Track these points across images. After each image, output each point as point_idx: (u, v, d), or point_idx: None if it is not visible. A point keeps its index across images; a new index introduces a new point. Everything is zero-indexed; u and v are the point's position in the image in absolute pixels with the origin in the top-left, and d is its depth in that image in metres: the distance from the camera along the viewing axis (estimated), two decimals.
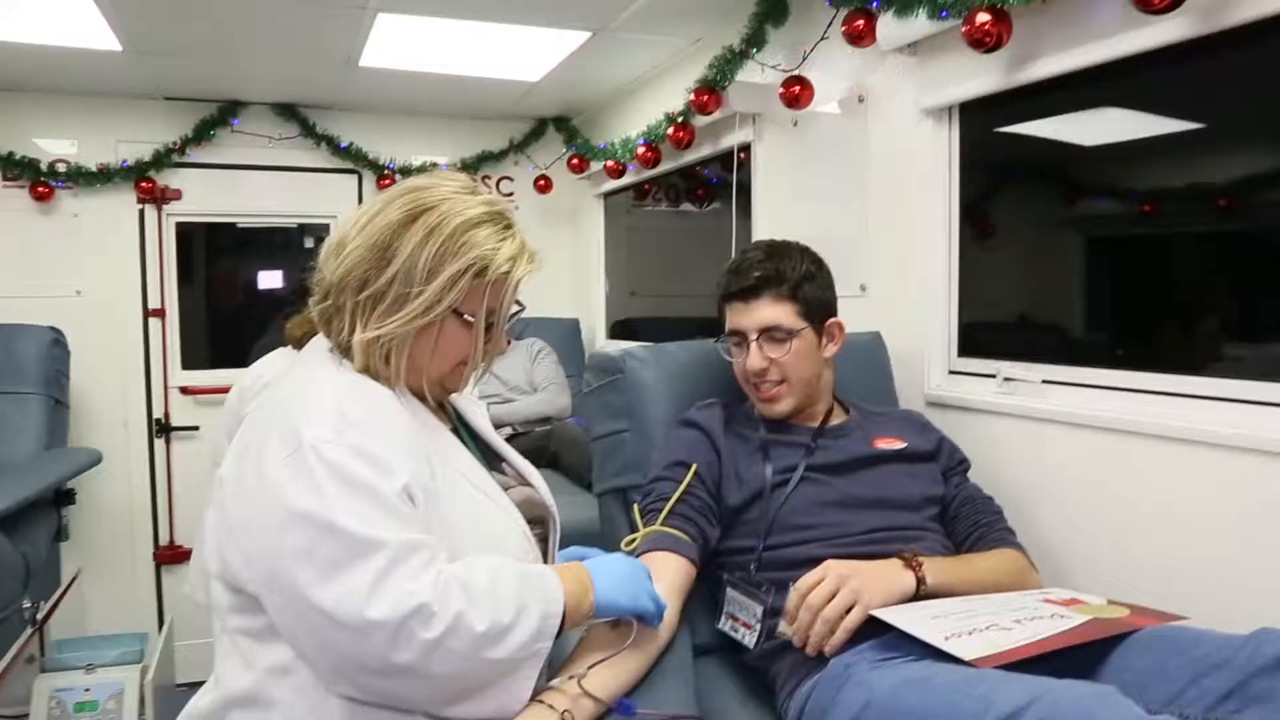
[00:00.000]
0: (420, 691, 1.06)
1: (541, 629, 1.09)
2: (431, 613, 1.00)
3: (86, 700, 2.70)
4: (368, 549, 1.00)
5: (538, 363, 3.71)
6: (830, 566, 1.34)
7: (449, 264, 1.16)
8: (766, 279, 1.63)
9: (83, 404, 3.65)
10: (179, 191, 3.87)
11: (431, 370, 1.23)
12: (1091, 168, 1.99)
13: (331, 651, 1.02)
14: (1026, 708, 0.96)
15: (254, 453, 1.08)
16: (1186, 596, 1.50)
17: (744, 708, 1.47)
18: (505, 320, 1.25)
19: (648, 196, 4.70)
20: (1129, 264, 1.94)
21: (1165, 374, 1.66)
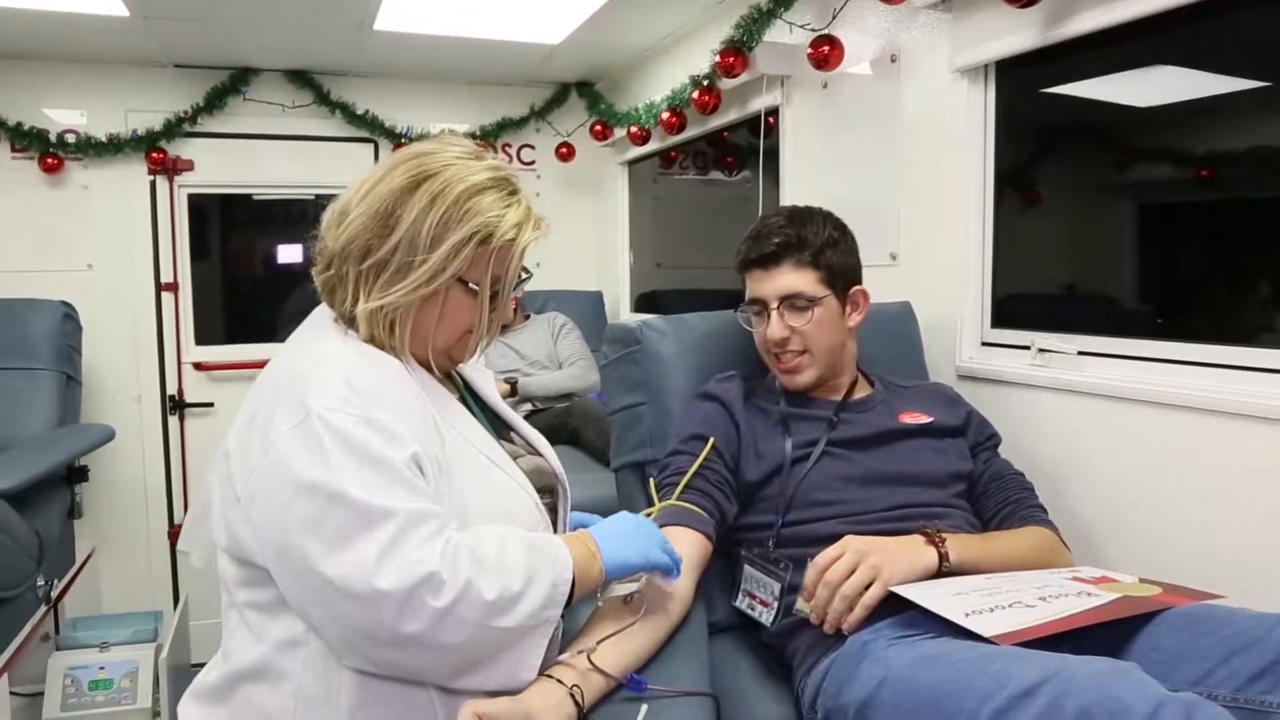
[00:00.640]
0: (430, 661, 1.08)
1: (551, 597, 1.12)
2: (441, 581, 1.03)
3: (101, 678, 2.78)
4: (377, 518, 1.03)
5: (562, 338, 3.74)
6: (849, 542, 1.35)
7: (452, 232, 1.18)
8: (787, 245, 1.64)
9: (95, 380, 3.72)
10: (190, 162, 3.92)
11: (437, 339, 1.25)
12: (1143, 130, 1.96)
13: (342, 622, 1.05)
14: (1042, 684, 0.96)
15: (260, 424, 1.11)
16: (1227, 576, 1.50)
17: (760, 685, 1.49)
18: (511, 288, 1.27)
19: (674, 164, 4.70)
20: (1183, 232, 1.91)
21: (1208, 344, 1.65)
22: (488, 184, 1.21)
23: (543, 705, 1.11)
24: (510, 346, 3.67)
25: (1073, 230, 2.15)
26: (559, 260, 4.48)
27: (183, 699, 1.24)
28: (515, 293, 1.31)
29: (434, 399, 1.23)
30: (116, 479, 3.80)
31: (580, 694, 1.15)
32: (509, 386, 3.47)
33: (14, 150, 3.68)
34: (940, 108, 2.14)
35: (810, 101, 2.68)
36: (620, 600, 1.32)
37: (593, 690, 1.18)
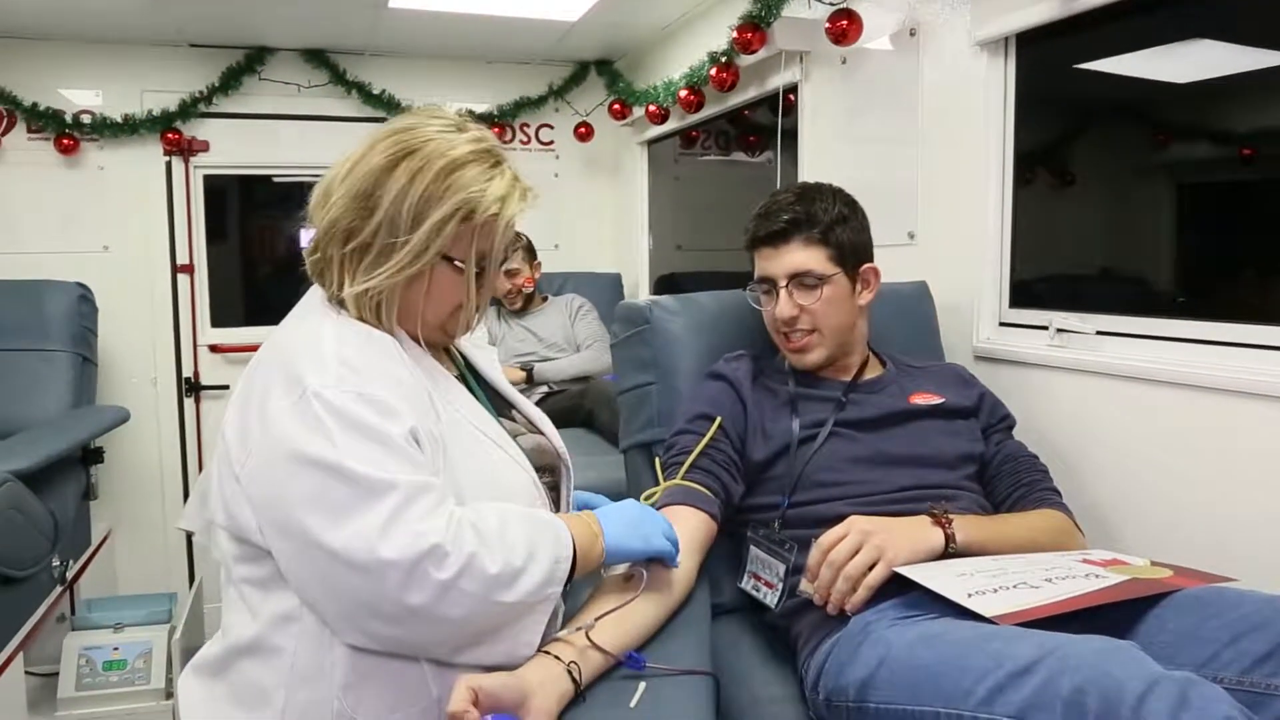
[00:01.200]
0: (431, 636, 1.10)
1: (552, 574, 1.13)
2: (445, 553, 1.04)
3: (115, 659, 2.83)
4: (378, 491, 1.05)
5: (579, 320, 3.75)
6: (854, 522, 1.36)
7: (434, 209, 1.18)
8: (796, 222, 1.63)
9: (112, 362, 3.78)
10: (206, 143, 3.96)
11: (427, 316, 1.26)
12: (1179, 107, 1.94)
13: (344, 596, 1.07)
14: (1038, 662, 0.97)
15: (257, 402, 1.13)
16: (1246, 559, 1.49)
17: (765, 667, 1.50)
18: (498, 263, 1.28)
19: (695, 144, 4.69)
20: (1222, 212, 1.89)
21: (1228, 323, 1.64)
22: (469, 157, 1.21)
23: (539, 681, 1.12)
24: (527, 329, 3.69)
25: (1104, 210, 2.13)
26: (577, 242, 4.49)
27: (183, 673, 1.27)
28: (513, 264, 1.32)
29: (429, 375, 1.25)
30: (133, 461, 3.86)
31: (578, 671, 1.16)
32: (525, 374, 3.49)
33: (30, 131, 3.73)
34: (960, 83, 2.12)
35: (829, 78, 2.67)
36: (620, 578, 1.33)
37: (591, 667, 1.19)
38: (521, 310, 3.73)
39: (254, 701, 1.15)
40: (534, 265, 3.72)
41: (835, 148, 2.66)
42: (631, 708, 1.15)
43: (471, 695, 1.03)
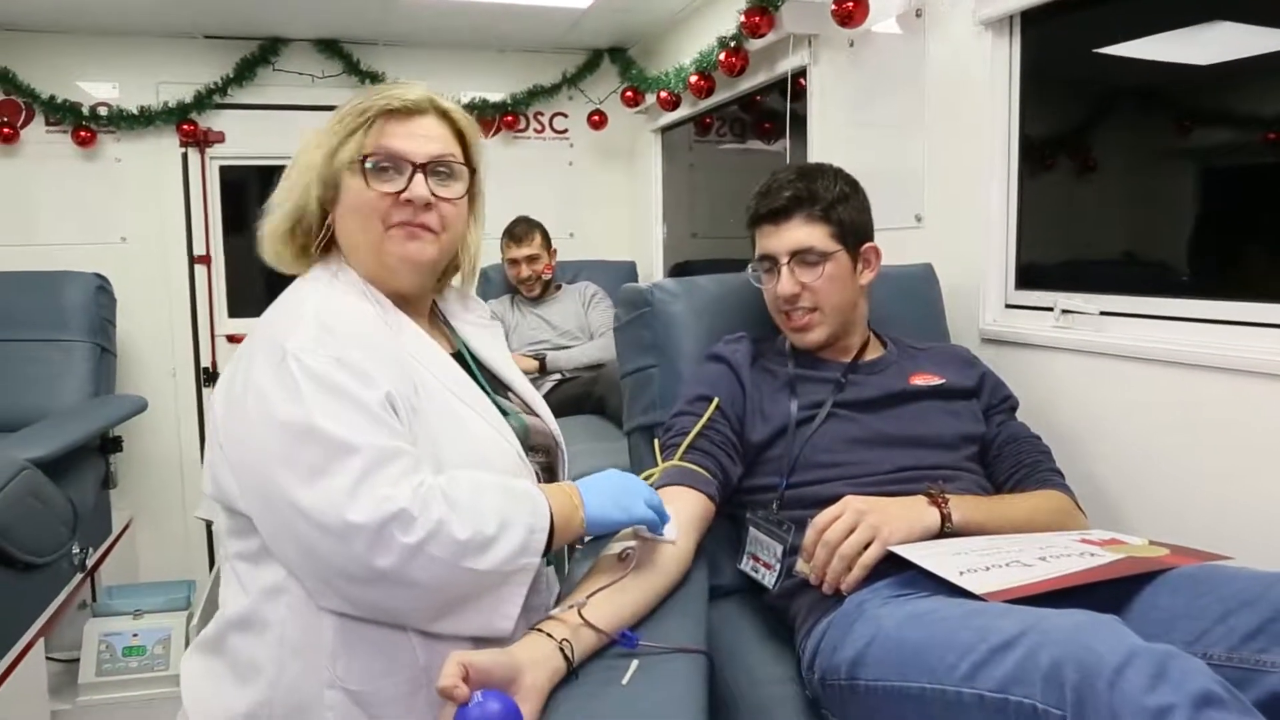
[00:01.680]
0: (405, 601, 1.12)
1: (527, 544, 1.15)
2: (412, 518, 1.06)
3: (134, 645, 2.87)
4: (348, 452, 1.07)
5: (593, 308, 3.76)
6: (849, 502, 1.36)
7: (329, 123, 1.28)
8: (798, 199, 1.63)
9: (131, 353, 3.83)
10: (221, 134, 4.01)
11: (366, 239, 1.28)
12: (1198, 91, 1.92)
13: (316, 558, 1.10)
14: (1020, 637, 0.97)
15: (243, 368, 1.17)
16: (1249, 540, 1.48)
17: (763, 647, 1.50)
18: (407, 168, 1.27)
19: (710, 131, 4.68)
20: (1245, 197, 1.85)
21: (1232, 301, 1.62)
22: (374, 88, 1.30)
23: (531, 659, 1.12)
24: (542, 317, 3.71)
25: (1111, 192, 2.11)
26: (591, 230, 4.50)
27: (186, 652, 1.29)
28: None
29: (412, 344, 1.28)
30: (152, 451, 3.91)
31: (570, 648, 1.16)
32: (538, 363, 3.51)
33: (48, 124, 3.79)
34: (965, 63, 2.11)
35: (837, 61, 2.66)
36: (615, 557, 1.34)
37: (583, 645, 1.19)
38: (536, 299, 3.75)
39: (248, 674, 1.18)
40: (552, 252, 3.74)
41: (843, 130, 2.65)
42: (623, 685, 1.16)
43: (462, 671, 1.03)
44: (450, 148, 1.31)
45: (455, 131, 1.33)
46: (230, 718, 1.18)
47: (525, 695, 1.08)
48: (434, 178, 1.28)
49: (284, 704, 1.17)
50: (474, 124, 1.37)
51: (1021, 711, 0.94)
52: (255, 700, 1.17)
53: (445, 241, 1.32)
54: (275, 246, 1.32)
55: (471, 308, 1.52)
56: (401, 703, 1.18)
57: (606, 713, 1.10)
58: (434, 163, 1.28)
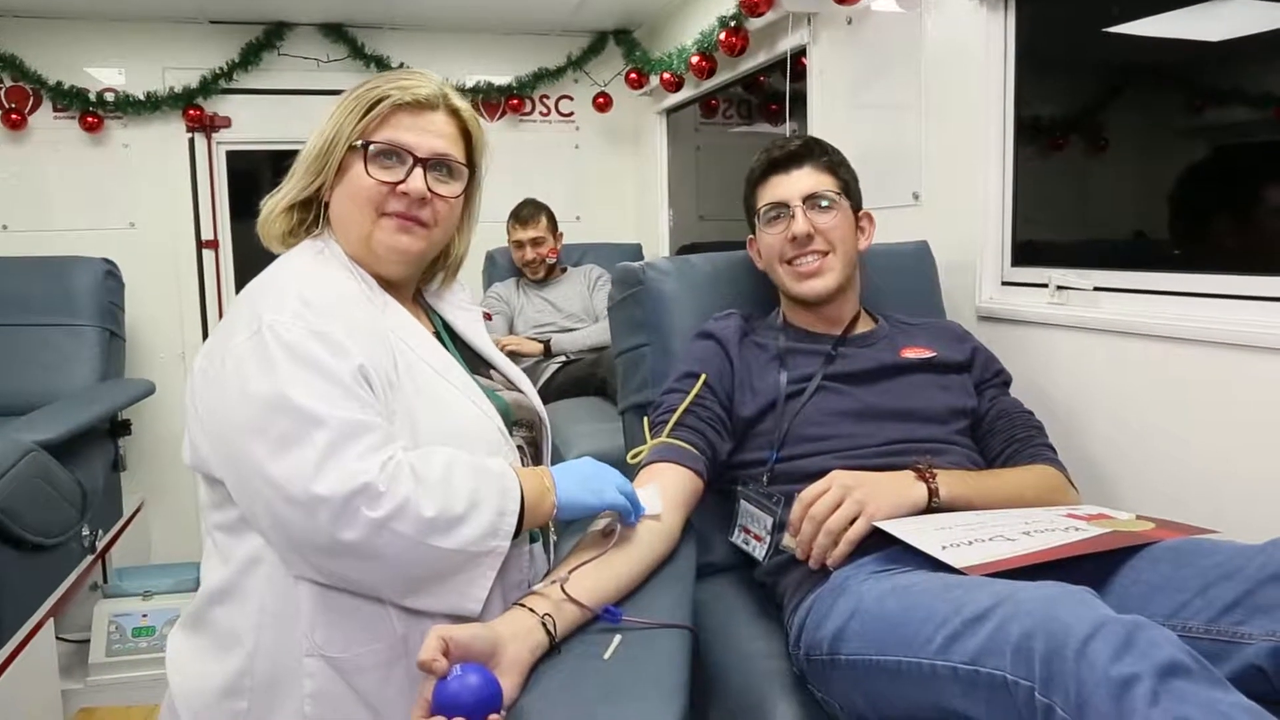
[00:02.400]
0: (371, 575, 1.13)
1: (496, 525, 1.15)
2: (378, 492, 1.07)
3: (144, 625, 2.90)
4: (318, 423, 1.08)
5: (598, 290, 3.76)
6: (836, 476, 1.35)
7: (333, 112, 1.29)
8: (809, 147, 1.68)
9: (140, 337, 3.86)
10: (228, 119, 4.01)
11: (357, 222, 1.29)
12: (1208, 69, 1.90)
13: (285, 528, 1.10)
14: (994, 608, 0.96)
15: (222, 338, 1.18)
16: (1242, 514, 1.47)
17: (752, 624, 1.50)
18: (409, 158, 1.28)
19: (716, 113, 4.66)
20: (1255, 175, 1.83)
21: (1226, 274, 1.60)
22: (387, 73, 1.35)
23: (513, 633, 1.12)
24: (546, 300, 3.71)
25: (1135, 173, 2.09)
26: (598, 213, 4.49)
27: (171, 630, 1.31)
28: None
29: (393, 319, 1.28)
30: (163, 434, 3.93)
31: (552, 623, 1.16)
32: (543, 345, 3.51)
33: (56, 110, 3.81)
34: (962, 40, 2.08)
35: (836, 40, 2.63)
36: (600, 534, 1.34)
37: (566, 621, 1.19)
38: (541, 281, 3.75)
39: (229, 645, 1.19)
40: (557, 236, 3.73)
41: (843, 109, 2.62)
42: (605, 660, 1.15)
43: (442, 645, 1.03)
44: (454, 147, 1.33)
45: (462, 130, 1.35)
46: (211, 689, 1.19)
47: (506, 670, 1.08)
48: (434, 173, 1.30)
49: (263, 673, 1.18)
50: (481, 126, 1.38)
51: (993, 683, 0.94)
52: (235, 670, 1.18)
53: (436, 236, 1.34)
54: (270, 222, 1.32)
55: (455, 291, 1.52)
56: (380, 671, 1.19)
57: (588, 688, 1.09)
58: (436, 159, 1.30)
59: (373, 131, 1.27)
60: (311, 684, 1.17)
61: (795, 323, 1.71)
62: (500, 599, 1.24)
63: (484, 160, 1.40)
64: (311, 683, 1.17)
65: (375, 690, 1.20)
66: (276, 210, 1.32)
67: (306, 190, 1.31)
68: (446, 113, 1.33)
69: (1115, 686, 0.81)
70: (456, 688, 1.01)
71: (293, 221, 1.33)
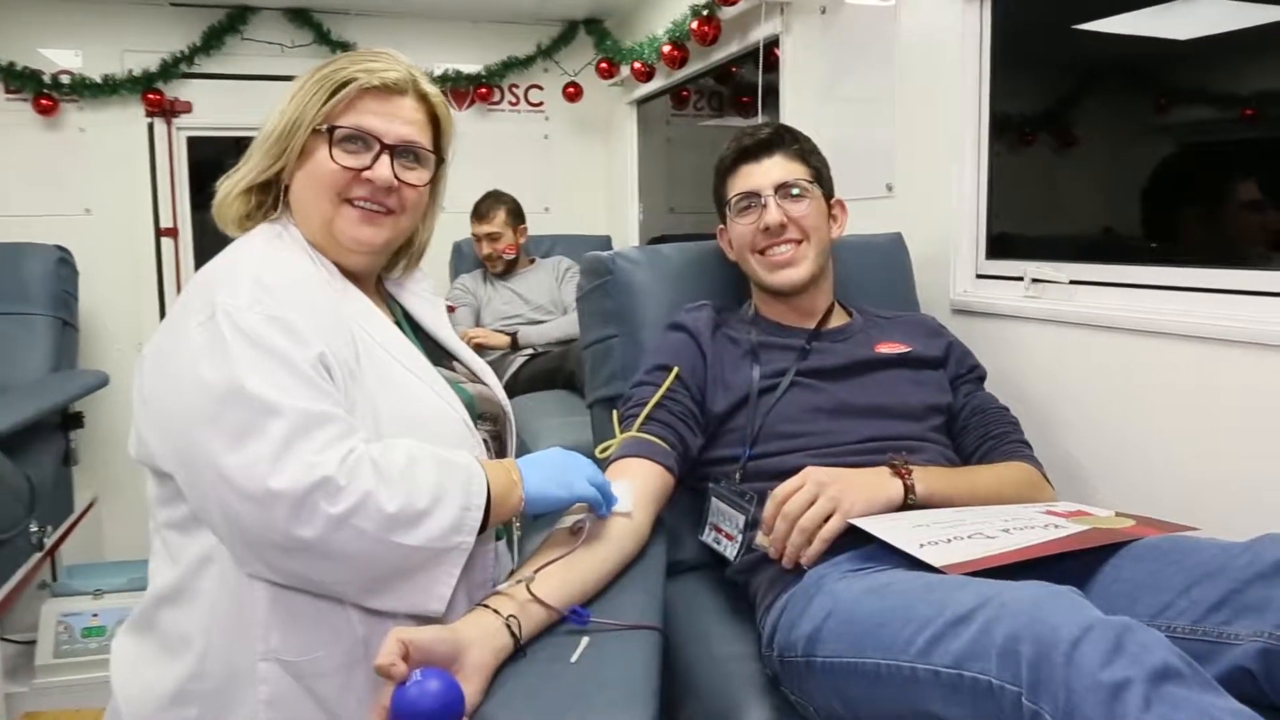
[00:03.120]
0: (329, 574, 1.08)
1: (460, 521, 1.10)
2: (338, 486, 1.02)
3: (94, 625, 2.82)
4: (273, 413, 1.02)
5: (567, 282, 3.72)
6: (809, 473, 1.32)
7: (296, 92, 1.24)
8: (779, 135, 1.65)
9: (95, 327, 3.76)
10: (189, 104, 3.93)
11: (319, 208, 1.24)
12: (1179, 67, 1.90)
13: (239, 525, 1.05)
14: (976, 610, 0.93)
15: (172, 325, 1.13)
16: (1219, 511, 1.44)
17: (724, 624, 1.46)
18: (369, 142, 1.23)
19: (687, 105, 4.63)
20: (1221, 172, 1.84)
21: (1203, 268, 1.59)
22: (352, 53, 1.27)
23: (476, 635, 1.08)
24: (514, 291, 3.66)
25: (1105, 168, 2.08)
26: (567, 205, 4.44)
27: (116, 634, 1.25)
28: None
29: (353, 306, 1.24)
30: (117, 428, 3.82)
31: (517, 625, 1.12)
32: (509, 338, 3.46)
33: (8, 92, 3.70)
34: (936, 30, 2.06)
35: (809, 29, 2.60)
36: (568, 532, 1.30)
37: (531, 622, 1.15)
38: (507, 273, 3.70)
39: (178, 649, 1.13)
40: (518, 230, 3.68)
41: (815, 99, 2.59)
42: (573, 663, 1.12)
43: (401, 648, 0.99)
44: (422, 133, 1.28)
45: (430, 116, 1.30)
46: (159, 695, 1.14)
47: (469, 674, 1.04)
48: (400, 160, 1.25)
49: (215, 677, 1.12)
50: (450, 112, 1.34)
51: (977, 687, 0.90)
52: (185, 674, 1.13)
53: (403, 224, 1.30)
54: (227, 205, 1.26)
55: (416, 279, 1.47)
56: (338, 676, 1.14)
57: (555, 693, 1.05)
58: (403, 146, 1.25)
59: (338, 115, 1.22)
60: (267, 690, 1.12)
61: (767, 315, 1.68)
62: (465, 598, 1.20)
63: (451, 147, 1.36)
64: (267, 688, 1.12)
65: (334, 696, 1.15)
66: (234, 192, 1.26)
67: (266, 173, 1.25)
68: (415, 98, 1.28)
69: (1106, 692, 0.78)
70: (416, 694, 0.97)
71: (250, 204, 1.27)
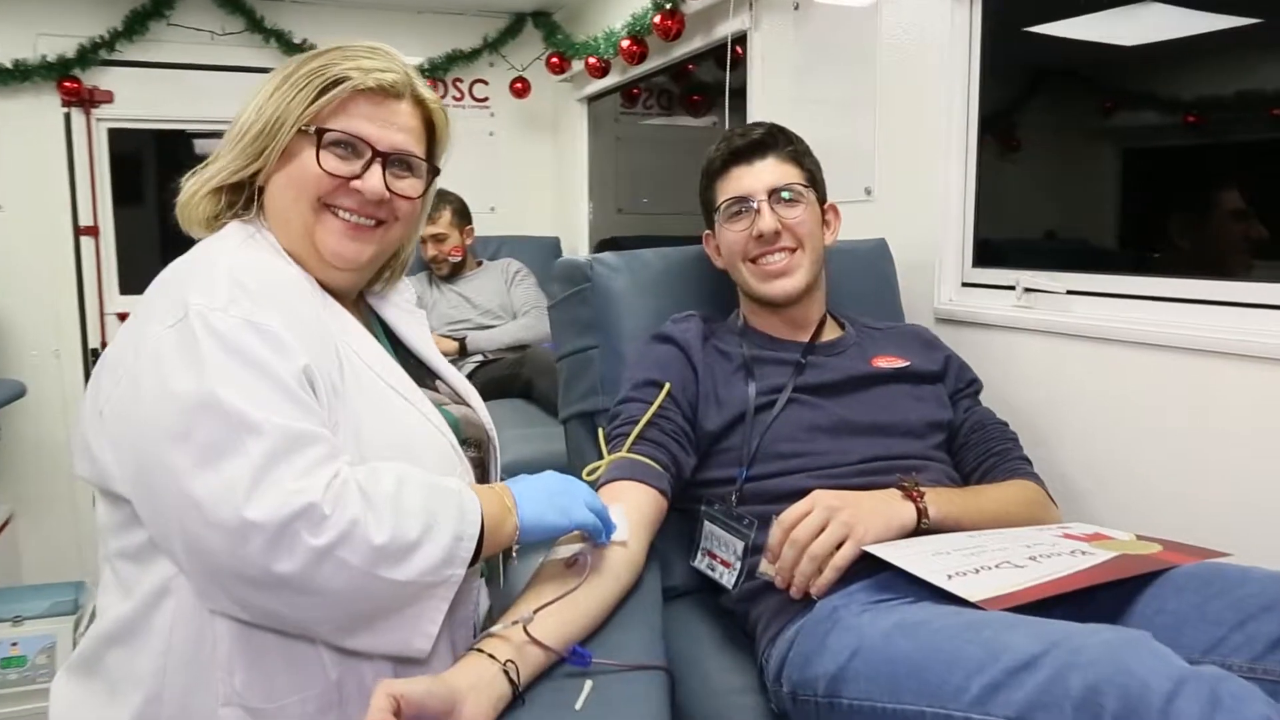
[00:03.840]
0: (307, 611, 0.97)
1: (452, 552, 1.01)
2: (322, 516, 0.92)
3: (14, 655, 2.66)
4: (254, 431, 0.92)
5: (516, 285, 3.62)
6: (818, 497, 1.25)
7: (279, 86, 1.12)
8: (773, 136, 1.58)
9: (9, 332, 3.57)
10: (110, 93, 3.73)
11: (301, 214, 1.13)
12: (1128, 73, 1.90)
13: (205, 556, 0.94)
14: (1042, 656, 0.87)
15: (138, 326, 1.01)
16: (1223, 529, 1.41)
17: (720, 655, 1.39)
18: (360, 149, 1.13)
19: (637, 103, 4.56)
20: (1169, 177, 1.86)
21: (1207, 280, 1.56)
22: (341, 46, 1.15)
23: (471, 684, 0.99)
24: (462, 295, 3.54)
25: (1052, 175, 2.07)
26: (514, 205, 4.34)
27: (56, 675, 1.12)
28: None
29: (336, 318, 1.14)
30: (36, 440, 3.64)
31: (515, 670, 1.04)
32: (458, 344, 3.34)
33: None
34: (922, 27, 2.01)
35: (780, 26, 2.54)
36: (561, 563, 1.21)
37: (530, 666, 1.07)
38: (453, 275, 3.58)
39: (128, 692, 1.02)
40: (465, 231, 3.56)
41: (787, 99, 2.53)
42: (577, 711, 1.04)
43: (392, 704, 0.89)
44: (418, 142, 1.19)
45: (425, 122, 1.20)
46: None
47: None
48: (391, 169, 1.15)
49: None
50: (448, 119, 1.24)
51: None
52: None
53: (391, 237, 1.20)
54: (194, 204, 1.15)
55: (399, 290, 1.37)
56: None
57: None
58: (397, 155, 1.15)
59: (327, 117, 1.11)
60: None
61: (757, 327, 1.61)
62: (446, 636, 1.10)
63: (445, 156, 1.26)
64: None
65: None
66: (203, 191, 1.14)
67: (240, 173, 1.14)
68: (411, 102, 1.18)
69: None
70: None
71: (220, 204, 1.16)
